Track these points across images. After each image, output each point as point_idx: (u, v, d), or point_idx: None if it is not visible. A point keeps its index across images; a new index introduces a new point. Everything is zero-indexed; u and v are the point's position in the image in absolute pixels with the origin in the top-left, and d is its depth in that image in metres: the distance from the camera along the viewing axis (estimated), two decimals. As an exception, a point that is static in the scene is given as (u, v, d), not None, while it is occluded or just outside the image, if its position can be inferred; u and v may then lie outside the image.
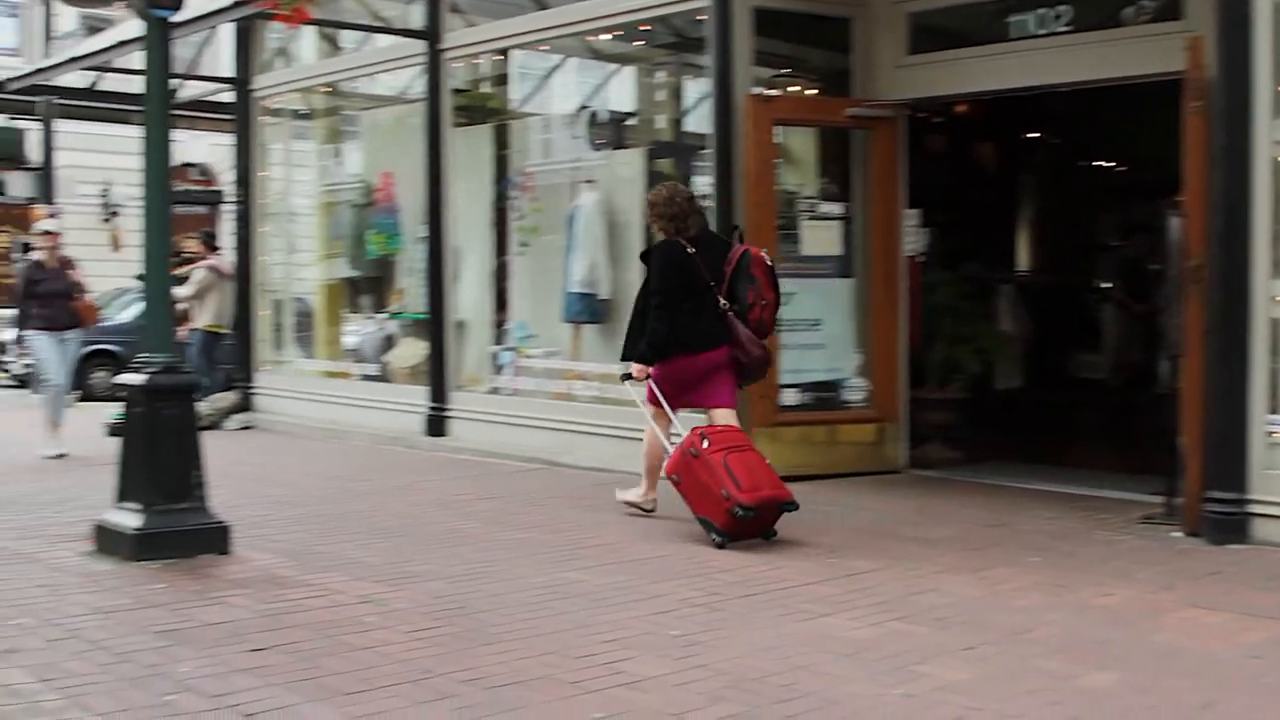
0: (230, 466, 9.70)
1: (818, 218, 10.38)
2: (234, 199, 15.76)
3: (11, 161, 20.96)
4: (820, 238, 10.34)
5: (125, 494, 7.06)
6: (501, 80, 13.70)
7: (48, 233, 12.12)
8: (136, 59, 16.53)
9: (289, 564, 6.77)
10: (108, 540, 7.02)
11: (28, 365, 21.58)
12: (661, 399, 7.93)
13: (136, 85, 24.47)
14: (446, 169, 12.37)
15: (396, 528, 7.94)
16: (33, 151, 20.74)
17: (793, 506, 7.38)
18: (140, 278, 9.04)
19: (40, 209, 19.09)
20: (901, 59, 10.10)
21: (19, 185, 20.00)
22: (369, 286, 14.34)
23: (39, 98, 18.47)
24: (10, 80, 16.58)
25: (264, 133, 15.26)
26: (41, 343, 11.78)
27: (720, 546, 7.21)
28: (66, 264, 12.03)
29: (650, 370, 7.90)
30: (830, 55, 10.79)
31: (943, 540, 7.53)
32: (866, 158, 10.30)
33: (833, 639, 5.37)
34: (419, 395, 12.55)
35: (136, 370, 7.05)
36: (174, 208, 14.86)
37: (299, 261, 15.89)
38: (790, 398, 9.99)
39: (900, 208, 10.24)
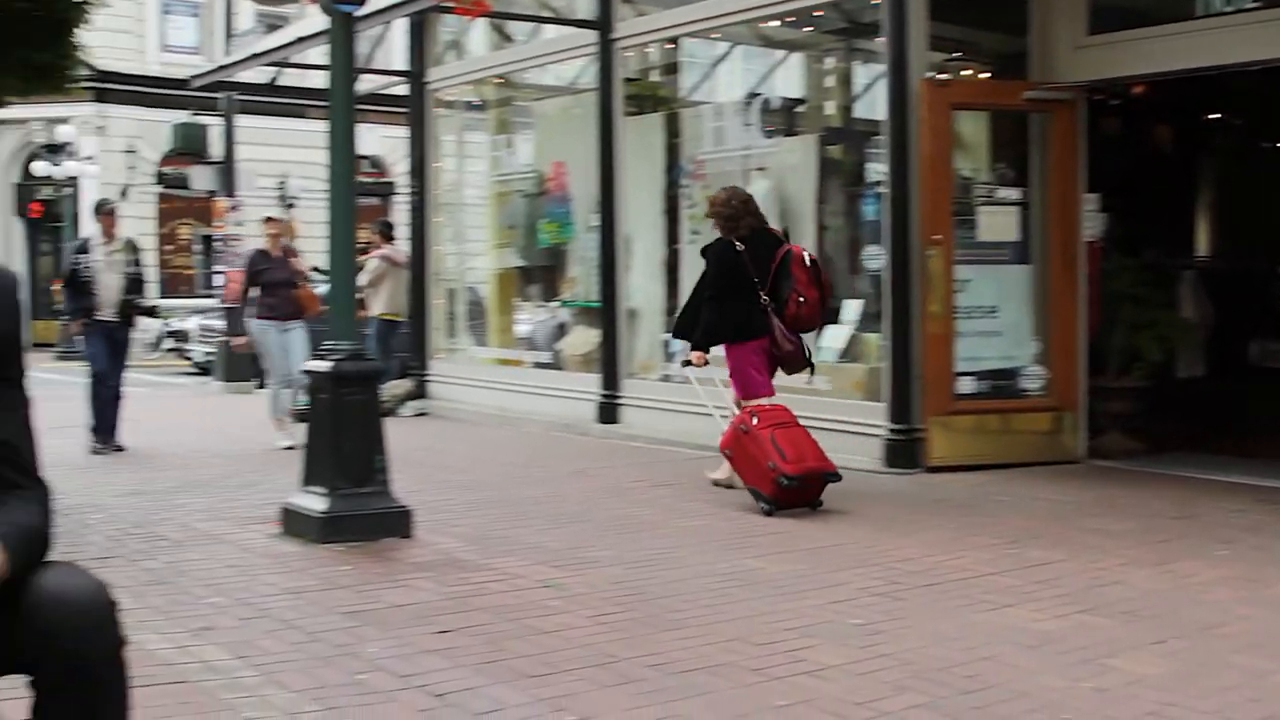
0: (407, 452, 9.86)
1: (994, 203, 10.22)
2: (407, 190, 16.04)
3: (195, 156, 21.56)
4: (997, 223, 10.17)
5: (311, 478, 7.24)
6: (671, 69, 13.73)
7: (270, 219, 12.16)
8: (314, 55, 16.98)
9: (470, 548, 6.87)
10: (294, 523, 7.20)
11: (208, 353, 22.29)
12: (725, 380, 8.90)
13: (313, 80, 25.08)
14: (619, 158, 12.42)
15: (572, 514, 8.02)
16: (214, 146, 21.29)
17: (836, 477, 7.99)
18: (317, 269, 9.32)
19: (222, 202, 19.68)
20: (1080, 39, 9.87)
21: (202, 179, 20.55)
22: (541, 275, 14.50)
23: (221, 94, 19.02)
24: (195, 77, 17.06)
25: (437, 124, 15.49)
26: (264, 332, 11.74)
27: (768, 514, 7.81)
28: (289, 252, 12.03)
29: (706, 356, 8.79)
30: (1005, 38, 10.61)
31: (1125, 532, 7.36)
32: (1044, 141, 10.11)
33: (1017, 630, 5.28)
34: (591, 383, 12.64)
35: (321, 357, 7.22)
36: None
37: (471, 251, 16.12)
38: (966, 386, 9.85)
39: (1079, 192, 10.03)
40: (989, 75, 11.00)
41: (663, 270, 12.64)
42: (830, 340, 10.93)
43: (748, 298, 8.44)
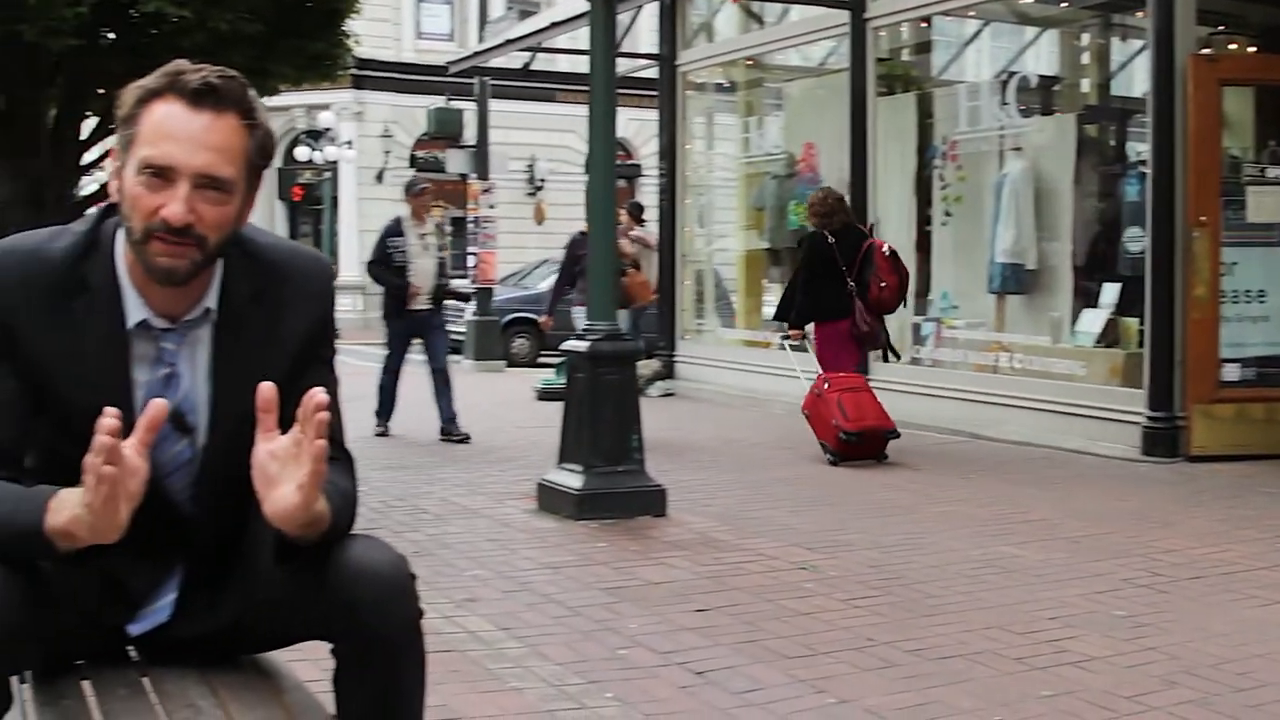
0: (657, 432, 9.92)
1: (1264, 183, 9.80)
2: (656, 172, 16.19)
3: (451, 140, 22.16)
4: (1267, 204, 9.75)
5: (567, 455, 7.38)
6: (922, 48, 13.55)
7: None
8: (564, 40, 17.26)
9: (723, 528, 6.92)
10: (549, 499, 7.35)
11: (458, 334, 22.83)
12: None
13: (561, 64, 25.42)
14: (870, 139, 12.32)
15: (822, 496, 8.01)
16: (468, 130, 21.85)
17: (894, 434, 9.44)
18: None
19: (475, 184, 20.16)
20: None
21: (456, 162, 21.09)
22: (789, 257, 14.45)
23: (475, 79, 19.48)
24: (452, 63, 17.52)
25: (687, 106, 15.58)
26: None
27: (833, 464, 9.26)
28: (619, 235, 10.95)
29: (802, 332, 10.19)
30: (1273, 10, 10.18)
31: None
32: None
33: (1292, 628, 5.09)
34: (839, 366, 12.57)
35: (580, 337, 7.35)
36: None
37: (719, 232, 16.20)
38: (1231, 373, 9.49)
39: (1359, 170, 9.58)
40: (1255, 50, 10.57)
41: (913, 252, 12.48)
42: (1087, 324, 10.68)
43: (836, 283, 9.62)
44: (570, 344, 7.46)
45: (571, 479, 7.21)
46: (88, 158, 9.59)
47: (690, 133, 15.75)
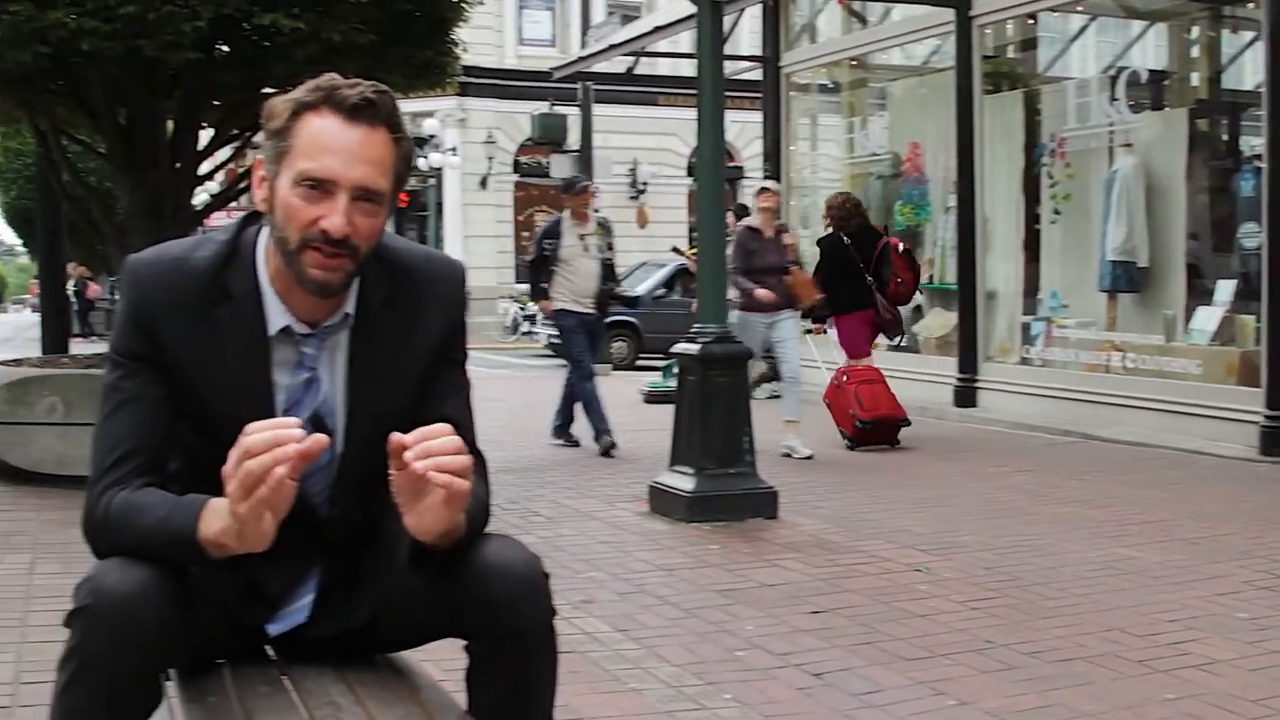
0: (764, 434, 9.92)
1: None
2: (761, 173, 16.16)
3: (554, 145, 22.32)
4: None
5: (678, 458, 7.41)
6: (1028, 44, 13.40)
7: (765, 190, 10.18)
8: (666, 44, 17.30)
9: (835, 530, 6.91)
10: (661, 501, 7.38)
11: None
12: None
13: (664, 69, 25.44)
14: (977, 137, 12.22)
15: (934, 498, 7.96)
16: (571, 135, 21.98)
17: (906, 423, 10.34)
18: (677, 250, 9.52)
19: (579, 189, 20.24)
20: None
21: (560, 167, 21.24)
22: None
23: (578, 84, 19.60)
24: (556, 69, 17.63)
25: (791, 107, 15.55)
26: (747, 325, 9.77)
27: (850, 449, 10.17)
28: (782, 231, 10.25)
29: (824, 327, 11.43)
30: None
31: None
32: None
33: None
34: (947, 366, 12.50)
35: (691, 340, 7.37)
36: (695, 183, 15.23)
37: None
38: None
39: None
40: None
41: (1021, 251, 12.38)
42: (1202, 322, 10.51)
43: (854, 279, 10.45)
44: (681, 346, 7.48)
45: (683, 481, 7.23)
46: (203, 169, 9.78)
47: (794, 134, 15.73)
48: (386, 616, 2.40)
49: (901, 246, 10.81)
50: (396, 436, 2.07)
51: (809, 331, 11.56)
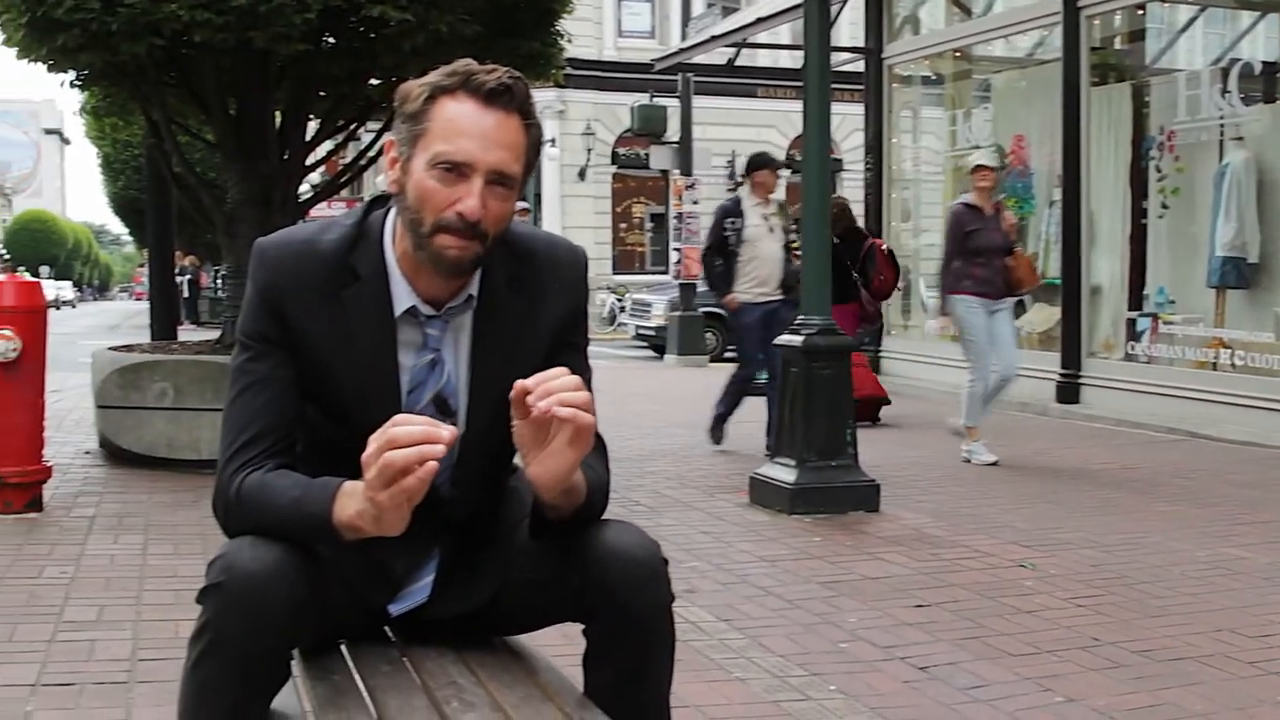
0: (866, 427, 9.93)
1: None
2: (863, 166, 16.09)
3: (654, 137, 22.35)
4: None
5: (780, 449, 7.40)
6: (1137, 36, 13.22)
7: (982, 168, 9.26)
8: (766, 35, 17.25)
9: (937, 524, 6.87)
10: (762, 492, 7.37)
11: (645, 327, 22.97)
12: None
13: (763, 60, 25.38)
14: (1084, 130, 12.07)
15: (1039, 493, 7.88)
16: (670, 126, 21.98)
17: (886, 401, 11.72)
18: (788, 246, 9.45)
19: (679, 180, 20.29)
20: None
21: (660, 159, 21.27)
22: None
23: (678, 75, 19.60)
24: (658, 60, 17.65)
25: (893, 99, 15.46)
26: (972, 312, 9.04)
27: None
28: (999, 208, 9.42)
29: None
30: None
31: None
32: None
33: None
34: (1050, 361, 12.36)
35: (794, 332, 7.36)
36: (791, 175, 15.49)
37: (925, 226, 16.03)
38: None
39: None
40: None
41: (1127, 246, 12.21)
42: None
43: (841, 276, 9.87)
44: (784, 338, 7.46)
45: (785, 473, 7.22)
46: (309, 160, 9.92)
47: (896, 126, 15.63)
48: (506, 599, 2.44)
49: (886, 247, 11.68)
50: (519, 383, 2.11)
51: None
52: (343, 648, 2.45)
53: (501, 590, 2.43)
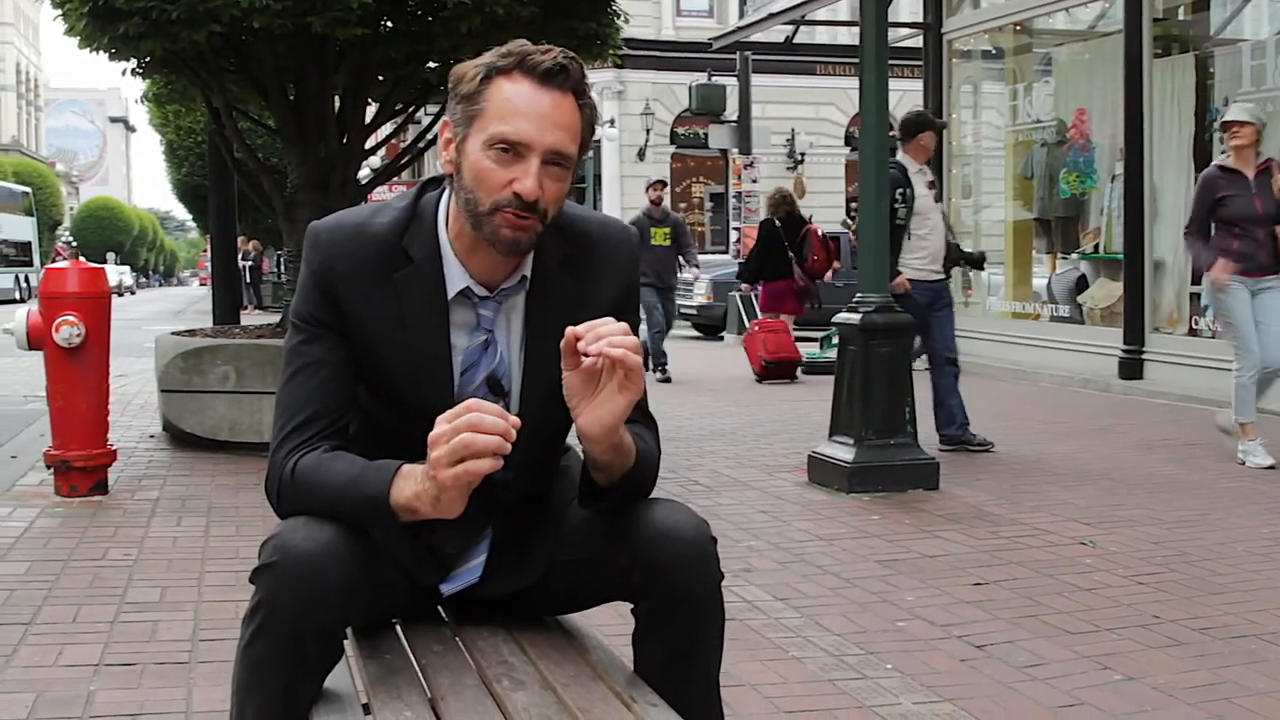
0: (924, 405, 9.86)
1: None
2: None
3: (712, 116, 22.29)
4: None
5: (838, 428, 7.38)
6: (1200, 5, 13.03)
7: (1233, 124, 8.01)
8: (824, 12, 17.13)
9: (997, 502, 6.84)
10: (820, 471, 7.36)
11: (686, 307, 22.91)
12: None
13: (821, 37, 25.21)
14: (1146, 102, 11.93)
15: (1100, 471, 7.82)
16: (729, 105, 21.93)
17: (801, 364, 13.89)
18: (847, 225, 9.39)
19: (737, 160, 20.24)
20: None
21: (718, 138, 21.21)
22: (1059, 226, 14.12)
23: (736, 54, 19.53)
24: (715, 39, 17.60)
25: (953, 74, 15.34)
26: (1231, 293, 7.88)
27: (758, 382, 13.55)
28: (1265, 170, 7.95)
29: (752, 287, 15.26)
30: None
31: None
32: None
33: None
34: (1112, 337, 12.25)
35: (852, 310, 7.33)
36: (852, 153, 15.64)
37: (985, 203, 15.91)
38: None
39: None
40: None
41: (1191, 219, 12.05)
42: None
43: (780, 255, 13.99)
44: (842, 316, 7.44)
45: (843, 452, 7.20)
46: (369, 143, 9.98)
47: (956, 101, 15.50)
48: (556, 578, 2.45)
49: (822, 232, 14.42)
50: (570, 330, 2.14)
51: (741, 294, 16.04)
52: (397, 627, 2.48)
53: (551, 570, 2.45)
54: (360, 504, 2.18)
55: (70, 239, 64.90)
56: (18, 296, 46.77)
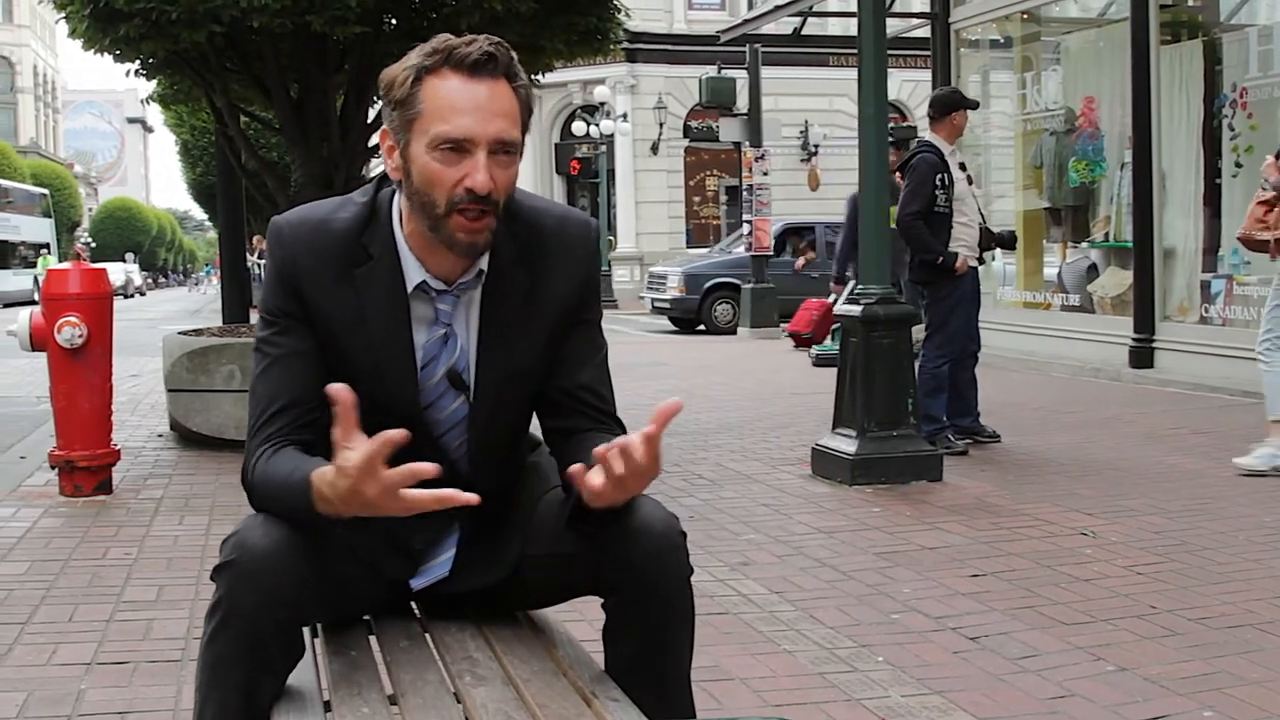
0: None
1: None
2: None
3: (724, 109, 22.25)
4: None
5: (841, 420, 7.36)
6: (1208, -9, 12.99)
7: None
8: (835, 2, 17.10)
9: (1000, 493, 6.82)
10: (823, 464, 7.35)
11: (659, 300, 22.94)
12: None
13: (833, 28, 25.19)
14: (1154, 90, 11.87)
15: (1106, 461, 7.79)
16: (740, 98, 21.89)
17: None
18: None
19: (749, 152, 20.20)
20: None
21: (730, 131, 21.15)
22: (1069, 215, 14.06)
23: (746, 47, 19.51)
24: (723, 31, 17.58)
25: (961, 64, 15.29)
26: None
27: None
28: None
29: None
30: None
31: None
32: None
33: None
34: (1123, 326, 12.21)
35: (853, 301, 7.32)
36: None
37: (996, 193, 15.85)
38: None
39: None
40: None
41: (1201, 207, 12.00)
42: None
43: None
44: (843, 308, 7.42)
45: (846, 444, 7.19)
46: (373, 141, 9.99)
47: (965, 91, 15.42)
48: (527, 573, 2.45)
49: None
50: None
51: None
52: (367, 623, 2.49)
53: (522, 565, 2.45)
54: (294, 504, 2.17)
55: (89, 240, 65.15)
56: (36, 298, 46.92)
